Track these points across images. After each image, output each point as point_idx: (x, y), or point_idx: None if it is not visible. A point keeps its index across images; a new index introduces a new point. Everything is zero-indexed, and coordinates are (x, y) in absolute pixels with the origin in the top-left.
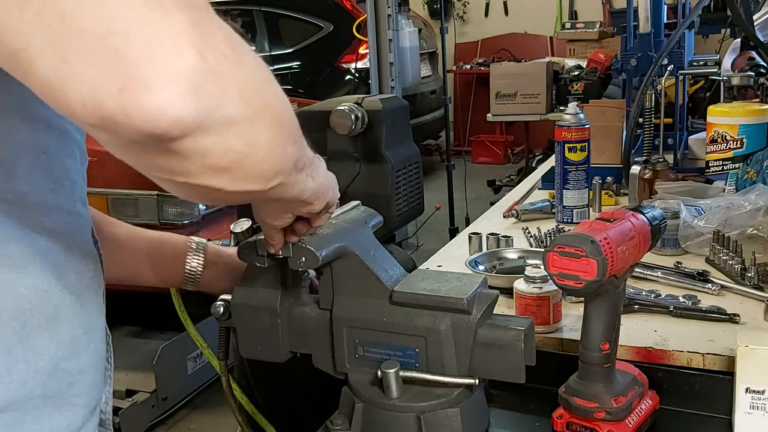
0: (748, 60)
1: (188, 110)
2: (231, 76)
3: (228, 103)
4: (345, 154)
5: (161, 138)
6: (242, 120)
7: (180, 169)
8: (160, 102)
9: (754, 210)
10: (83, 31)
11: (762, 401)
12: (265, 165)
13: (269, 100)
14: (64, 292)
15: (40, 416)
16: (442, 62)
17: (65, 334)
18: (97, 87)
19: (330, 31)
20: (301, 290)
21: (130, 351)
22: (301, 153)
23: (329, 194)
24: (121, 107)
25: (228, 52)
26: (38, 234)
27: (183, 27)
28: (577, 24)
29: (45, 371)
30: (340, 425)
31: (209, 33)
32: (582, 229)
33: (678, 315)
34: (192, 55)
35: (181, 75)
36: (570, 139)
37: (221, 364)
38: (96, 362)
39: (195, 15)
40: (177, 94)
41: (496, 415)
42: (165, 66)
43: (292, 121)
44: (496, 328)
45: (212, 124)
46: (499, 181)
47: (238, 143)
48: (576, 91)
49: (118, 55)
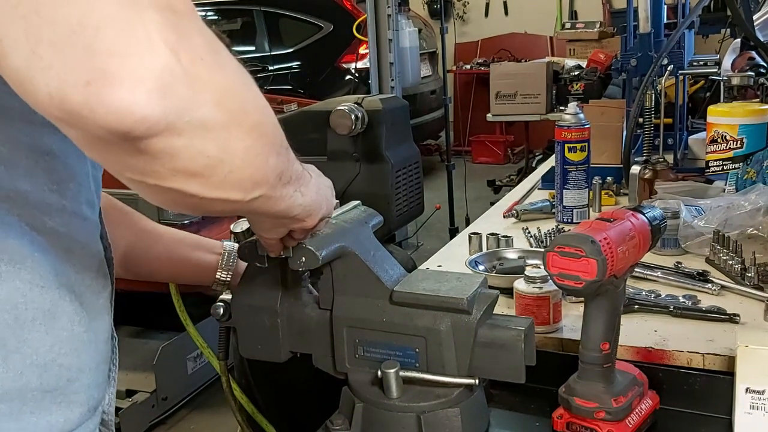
0: (748, 60)
1: (154, 109)
2: (206, 80)
3: (202, 106)
4: (345, 154)
5: (126, 136)
6: (217, 125)
7: (149, 170)
8: (126, 99)
9: (754, 210)
10: (55, 24)
11: (762, 401)
12: (242, 173)
13: (248, 107)
14: (62, 290)
15: (38, 409)
16: (442, 62)
17: (63, 330)
18: (64, 80)
19: (330, 31)
20: (301, 290)
21: (130, 351)
22: (286, 166)
23: (322, 210)
24: (86, 101)
25: (205, 56)
26: (38, 232)
27: (158, 26)
28: (577, 24)
29: (41, 364)
30: (340, 425)
31: (187, 36)
32: (582, 229)
33: (678, 315)
34: (164, 54)
35: (150, 73)
36: (570, 139)
37: (221, 364)
38: (98, 362)
39: (174, 18)
40: (144, 92)
41: (496, 415)
42: (134, 63)
43: (275, 132)
44: (496, 328)
45: (184, 126)
46: (499, 181)
47: (211, 148)
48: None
49: (88, 49)
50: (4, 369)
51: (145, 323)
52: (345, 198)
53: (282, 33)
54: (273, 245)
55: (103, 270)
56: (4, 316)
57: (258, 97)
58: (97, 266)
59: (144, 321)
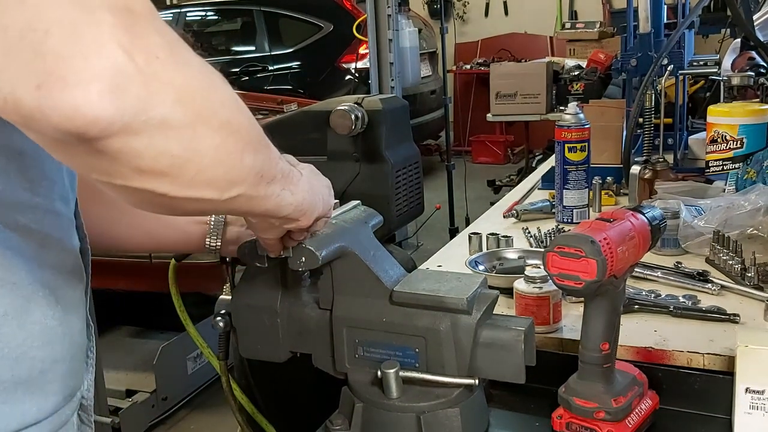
0: (748, 60)
1: (106, 109)
2: (164, 79)
3: (159, 105)
4: (345, 154)
5: (81, 137)
6: (179, 123)
7: (113, 171)
8: (76, 100)
9: (754, 210)
10: (5, 29)
11: (762, 401)
12: (213, 172)
13: (214, 105)
14: (36, 285)
15: (9, 400)
16: (442, 62)
17: (35, 324)
18: (16, 84)
19: (330, 31)
20: (301, 290)
21: (130, 351)
22: (267, 164)
23: (317, 208)
24: (38, 105)
25: (162, 55)
26: (11, 230)
27: (108, 27)
28: (577, 24)
29: (12, 357)
30: (340, 425)
31: (142, 35)
32: (582, 229)
33: (678, 315)
34: (115, 54)
35: (100, 74)
36: (570, 139)
37: (221, 364)
38: (74, 353)
39: (128, 18)
40: (94, 93)
41: (496, 415)
42: (83, 64)
43: (249, 130)
44: (496, 328)
45: (140, 125)
46: (499, 181)
47: (175, 147)
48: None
49: (37, 52)
50: None
51: (145, 323)
52: (345, 198)
53: (282, 33)
54: (272, 245)
55: (79, 263)
56: None
57: (227, 95)
58: (73, 260)
59: (144, 321)
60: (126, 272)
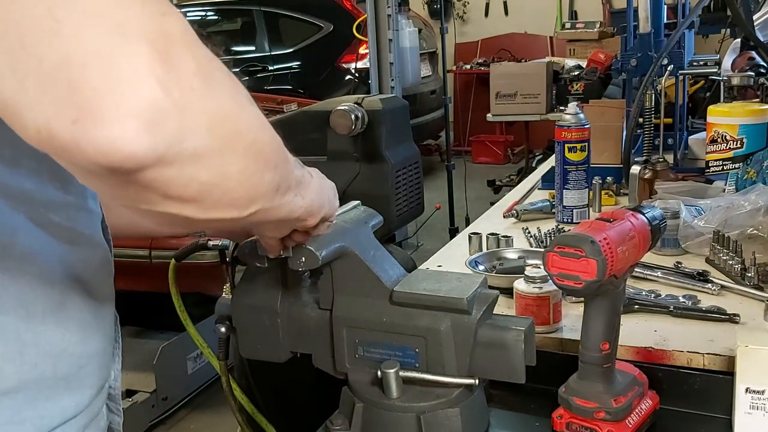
0: (748, 60)
1: (143, 146)
2: (197, 109)
3: (192, 135)
4: (345, 154)
5: (115, 171)
6: (210, 152)
7: (141, 198)
8: (113, 137)
9: (754, 210)
10: (41, 60)
11: (762, 401)
12: (236, 194)
13: (242, 128)
14: (70, 281)
15: (52, 395)
16: (442, 62)
17: (73, 320)
18: (51, 118)
19: (330, 31)
20: (301, 290)
21: (130, 351)
22: (284, 177)
23: (324, 209)
24: (73, 139)
25: (197, 84)
26: (44, 228)
27: (146, 60)
28: (577, 24)
29: (54, 354)
30: (340, 425)
31: (177, 64)
32: (582, 229)
33: (678, 315)
34: (152, 89)
35: (137, 110)
36: (570, 139)
37: (221, 364)
38: (105, 345)
39: (164, 45)
40: (131, 129)
41: (496, 415)
42: (120, 100)
43: (271, 147)
44: (496, 328)
45: (174, 156)
46: (499, 181)
47: (204, 174)
48: (576, 91)
49: (73, 87)
50: (21, 361)
51: (145, 323)
52: (345, 198)
53: (282, 33)
54: (273, 246)
55: (108, 256)
56: (18, 310)
57: (253, 116)
58: (102, 254)
59: (144, 321)
60: (126, 272)
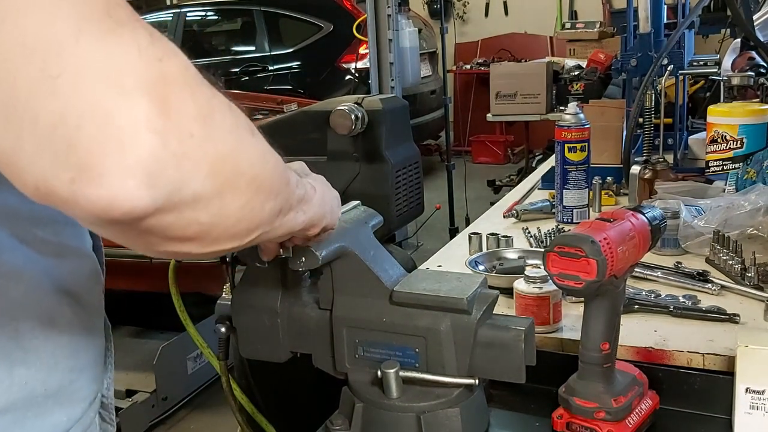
0: (748, 60)
1: (142, 201)
2: (197, 156)
3: (191, 182)
4: (345, 154)
5: (115, 223)
6: (209, 194)
7: (141, 241)
8: (111, 195)
9: (754, 210)
10: (36, 118)
11: (762, 401)
12: (237, 228)
13: (242, 166)
14: (59, 296)
15: (42, 413)
16: (442, 62)
17: (63, 333)
18: (49, 175)
19: (330, 31)
20: (301, 290)
21: (130, 351)
22: (286, 200)
23: (326, 219)
24: (72, 197)
25: (196, 129)
26: (29, 244)
27: (143, 112)
28: (577, 24)
29: (44, 370)
30: (340, 425)
31: (176, 110)
32: (582, 229)
33: (678, 315)
34: (150, 143)
35: (134, 166)
36: (570, 139)
37: (221, 364)
38: (96, 357)
39: (163, 92)
40: (130, 186)
41: (496, 415)
42: (117, 158)
43: (273, 177)
44: (496, 328)
45: (174, 204)
46: (499, 181)
47: (204, 216)
48: (576, 91)
49: (70, 144)
50: (10, 381)
51: (145, 323)
52: (345, 198)
53: (282, 33)
54: (271, 249)
55: (96, 266)
56: (6, 329)
57: (254, 150)
58: (90, 265)
59: (144, 321)
60: (126, 272)
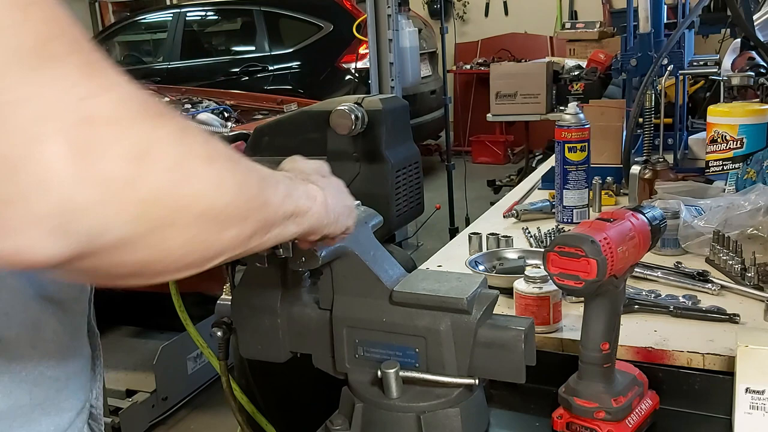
0: (748, 60)
1: (56, 248)
2: (122, 200)
3: (114, 227)
4: (345, 154)
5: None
6: (138, 237)
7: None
8: (16, 246)
9: (754, 210)
10: None
11: (762, 401)
12: (185, 261)
13: (185, 202)
14: (44, 303)
15: (27, 422)
16: (442, 62)
17: (48, 342)
18: None
19: (330, 31)
20: (301, 290)
21: (130, 351)
22: (261, 222)
23: (327, 228)
24: None
25: (123, 170)
26: None
27: (57, 159)
28: (577, 24)
29: (29, 380)
30: (340, 425)
31: (99, 153)
32: (582, 229)
33: (678, 315)
34: (61, 191)
35: (43, 217)
36: (570, 139)
37: (221, 364)
38: (83, 365)
39: (85, 135)
40: (36, 238)
41: (496, 415)
42: (24, 209)
43: (235, 203)
44: (496, 328)
45: (95, 249)
46: (499, 181)
47: (135, 256)
48: (576, 91)
49: None
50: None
51: (145, 323)
52: None
53: (282, 33)
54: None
55: None
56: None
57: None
58: None
59: (144, 321)
60: None
